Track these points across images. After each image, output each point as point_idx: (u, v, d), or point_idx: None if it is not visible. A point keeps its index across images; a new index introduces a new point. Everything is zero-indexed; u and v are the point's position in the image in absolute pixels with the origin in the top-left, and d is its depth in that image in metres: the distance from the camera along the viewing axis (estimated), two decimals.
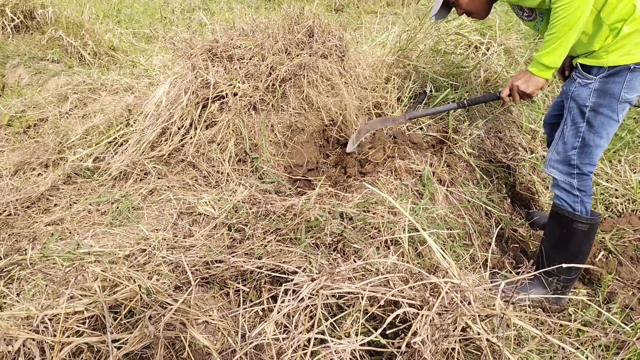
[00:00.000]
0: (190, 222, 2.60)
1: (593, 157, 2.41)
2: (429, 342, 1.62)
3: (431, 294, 1.80)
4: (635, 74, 2.21)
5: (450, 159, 3.19)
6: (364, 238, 2.33)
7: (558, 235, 2.56)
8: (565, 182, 2.48)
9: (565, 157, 2.45)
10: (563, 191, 2.50)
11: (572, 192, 2.47)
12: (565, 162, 2.46)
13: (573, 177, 2.45)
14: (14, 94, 4.78)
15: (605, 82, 2.27)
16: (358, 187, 2.85)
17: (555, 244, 2.57)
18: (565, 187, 2.48)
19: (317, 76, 3.32)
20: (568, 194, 2.48)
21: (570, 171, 2.45)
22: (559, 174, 2.49)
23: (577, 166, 2.42)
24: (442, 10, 2.66)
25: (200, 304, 1.97)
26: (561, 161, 2.47)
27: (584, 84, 2.33)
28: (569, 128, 2.43)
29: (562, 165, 2.48)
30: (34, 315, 1.77)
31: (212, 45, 3.37)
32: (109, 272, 1.96)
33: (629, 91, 2.25)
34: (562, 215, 2.51)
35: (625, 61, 2.19)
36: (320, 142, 3.43)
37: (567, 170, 2.46)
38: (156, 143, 3.25)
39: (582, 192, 2.45)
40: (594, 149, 2.39)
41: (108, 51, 5.92)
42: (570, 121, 2.41)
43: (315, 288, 1.80)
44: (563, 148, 2.46)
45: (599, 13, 2.18)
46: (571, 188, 2.46)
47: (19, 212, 2.91)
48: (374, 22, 6.28)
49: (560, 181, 2.49)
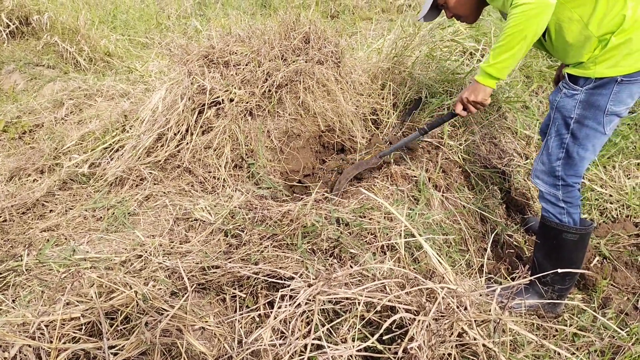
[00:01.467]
0: (187, 228, 2.60)
1: (578, 168, 2.36)
2: (426, 348, 1.62)
3: (427, 299, 1.80)
4: (623, 86, 2.14)
5: (445, 164, 3.21)
6: (360, 243, 2.33)
7: (548, 246, 2.54)
8: (549, 194, 2.45)
9: (550, 168, 2.42)
10: (549, 203, 2.47)
11: (557, 204, 2.44)
12: (549, 174, 2.43)
13: (558, 189, 2.41)
14: (10, 100, 4.78)
15: (592, 93, 2.20)
16: (354, 193, 2.85)
17: (546, 254, 2.56)
18: (550, 198, 2.45)
19: (313, 82, 3.33)
20: (554, 205, 2.45)
21: (555, 182, 2.41)
22: (544, 185, 2.46)
23: (562, 177, 2.38)
24: (431, 13, 2.63)
25: (196, 310, 1.97)
26: (546, 172, 2.44)
27: (569, 95, 2.27)
28: (553, 139, 2.38)
29: (546, 177, 2.44)
30: (30, 322, 1.76)
31: (208, 51, 3.38)
32: (105, 278, 1.96)
33: (616, 104, 2.18)
34: (550, 226, 2.49)
35: (613, 73, 2.12)
36: (317, 148, 3.44)
37: (551, 182, 2.43)
38: (152, 149, 3.25)
39: (567, 203, 2.42)
40: (579, 161, 2.34)
41: (104, 57, 5.92)
42: (555, 132, 2.37)
43: (312, 293, 1.81)
44: (548, 159, 2.42)
45: (586, 25, 2.11)
46: (556, 200, 2.43)
47: (14, 218, 2.90)
48: (369, 28, 6.31)
49: (545, 193, 2.46)
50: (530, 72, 4.37)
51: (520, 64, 4.20)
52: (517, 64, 2.18)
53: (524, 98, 3.97)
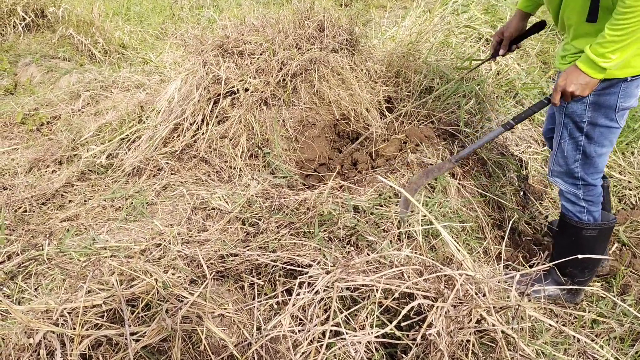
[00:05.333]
0: (204, 217, 2.62)
1: (598, 165, 2.30)
2: (444, 334, 1.62)
3: (446, 286, 1.80)
4: (631, 82, 2.08)
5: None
6: (377, 231, 2.33)
7: (567, 241, 2.51)
8: (569, 193, 2.39)
9: (568, 170, 2.35)
10: (569, 202, 2.41)
11: (577, 203, 2.38)
12: (568, 174, 2.36)
13: (578, 188, 2.36)
14: (27, 92, 4.83)
15: (600, 94, 2.12)
16: (370, 181, 2.85)
17: (565, 249, 2.50)
18: (571, 197, 2.39)
19: (327, 71, 3.32)
20: (574, 204, 2.40)
21: (575, 182, 2.36)
22: (564, 185, 2.40)
23: (582, 178, 2.32)
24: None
25: (215, 298, 1.99)
26: (564, 173, 2.38)
27: (577, 100, 2.16)
28: (567, 142, 2.30)
29: (565, 177, 2.38)
30: (54, 309, 1.80)
31: (222, 41, 3.38)
32: (125, 266, 1.99)
33: (626, 99, 2.12)
34: (569, 224, 2.44)
35: (623, 74, 2.04)
36: (332, 137, 3.43)
37: (571, 182, 2.37)
38: (168, 139, 3.27)
39: (588, 202, 2.36)
40: (597, 158, 2.27)
41: (118, 49, 5.95)
42: (568, 136, 2.28)
43: (330, 281, 1.82)
44: (564, 162, 2.35)
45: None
46: (577, 199, 2.38)
47: (34, 209, 2.94)
48: (383, 16, 6.26)
49: (565, 192, 2.41)
50: (547, 58, 4.32)
51: (538, 49, 4.15)
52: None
53: (541, 84, 3.92)
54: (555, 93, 2.15)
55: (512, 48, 2.71)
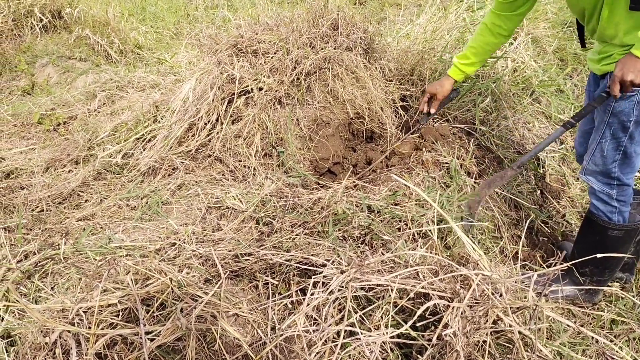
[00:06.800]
0: (219, 216, 2.62)
1: (635, 165, 2.27)
2: (460, 335, 1.61)
3: (462, 286, 1.78)
4: None
5: (478, 150, 3.16)
6: (391, 231, 2.32)
7: (591, 240, 2.46)
8: (602, 193, 2.34)
9: (605, 170, 2.29)
10: (600, 201, 2.36)
11: (609, 203, 2.34)
12: (604, 174, 2.31)
13: (612, 188, 2.31)
14: (44, 93, 4.88)
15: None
16: (385, 180, 2.83)
17: (588, 248, 2.44)
18: (603, 197, 2.34)
19: (342, 69, 3.30)
20: (605, 204, 2.35)
21: (609, 182, 2.31)
22: (597, 184, 2.34)
23: (618, 178, 2.28)
24: None
25: (230, 297, 1.99)
26: (600, 172, 2.32)
27: (626, 97, 2.11)
28: (608, 142, 2.24)
29: (600, 176, 2.33)
30: (69, 308, 1.81)
31: (237, 41, 3.38)
32: (140, 265, 1.99)
33: None
34: (596, 222, 2.40)
35: None
36: (346, 136, 3.42)
37: (606, 181, 2.32)
38: (183, 138, 3.28)
39: (620, 202, 2.32)
40: (636, 158, 2.24)
41: (134, 49, 5.99)
42: (610, 135, 2.22)
43: (345, 280, 1.81)
44: (602, 161, 2.29)
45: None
46: (609, 199, 2.33)
47: (51, 208, 2.97)
48: (397, 14, 6.23)
49: (598, 191, 2.35)
50: (565, 55, 4.26)
51: (555, 46, 4.10)
52: None
53: (558, 81, 3.87)
54: (614, 84, 2.05)
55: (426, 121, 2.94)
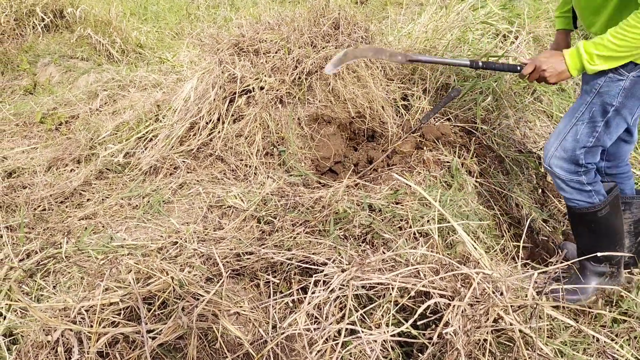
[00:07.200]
0: (220, 215, 2.63)
1: (597, 156, 2.22)
2: (461, 333, 1.61)
3: (462, 284, 1.78)
4: None
5: (479, 149, 3.16)
6: (392, 230, 2.32)
7: (587, 231, 2.38)
8: (572, 181, 2.25)
9: (573, 156, 2.20)
10: (574, 191, 2.27)
11: (583, 189, 2.25)
12: (571, 161, 2.21)
13: (580, 175, 2.23)
14: (46, 92, 4.89)
15: (636, 82, 1.99)
16: (386, 179, 2.84)
17: (590, 240, 2.38)
18: (575, 185, 2.26)
19: (343, 68, 3.31)
20: (580, 192, 2.26)
21: (577, 170, 2.22)
22: (564, 173, 2.25)
23: (584, 165, 2.20)
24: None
25: (231, 296, 2.00)
26: (567, 159, 2.22)
27: (614, 80, 2.01)
28: (585, 125, 2.15)
29: (566, 164, 2.23)
30: (71, 307, 1.82)
31: (238, 40, 3.39)
32: (142, 264, 2.00)
33: None
34: (582, 213, 2.31)
35: None
36: (347, 135, 3.42)
37: (573, 169, 2.23)
38: (185, 138, 3.29)
39: (592, 184, 2.25)
40: (600, 150, 2.20)
41: (135, 48, 5.99)
42: (588, 118, 2.13)
43: (346, 279, 1.81)
44: (572, 146, 2.19)
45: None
46: (581, 185, 2.25)
47: (53, 207, 2.98)
48: (399, 13, 6.22)
49: (567, 180, 2.26)
50: None
51: None
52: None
53: None
54: (529, 64, 2.12)
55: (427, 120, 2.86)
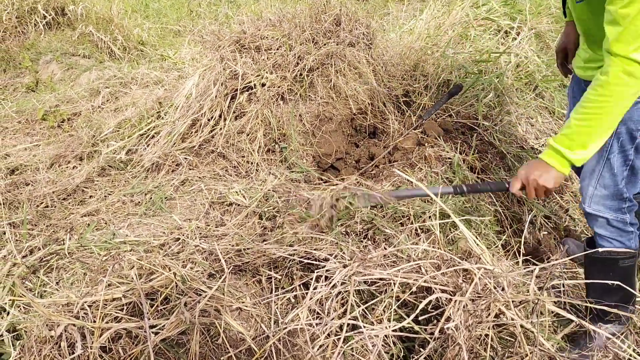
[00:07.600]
0: (222, 212, 2.63)
1: (638, 182, 2.03)
2: (463, 328, 1.61)
3: (464, 280, 1.79)
4: None
5: (480, 146, 3.16)
6: (394, 225, 2.32)
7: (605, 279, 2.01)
8: (617, 220, 2.03)
9: (616, 191, 2.00)
10: (616, 231, 2.05)
11: (625, 229, 2.05)
12: (615, 197, 2.01)
13: (625, 212, 2.03)
14: (48, 89, 4.90)
15: None
16: (388, 175, 2.84)
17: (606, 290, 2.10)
18: (618, 225, 2.04)
19: (344, 65, 3.31)
20: (621, 232, 2.05)
21: (621, 206, 2.02)
22: (609, 212, 2.03)
23: (629, 198, 2.01)
24: None
25: (233, 291, 2.00)
26: (610, 196, 2.01)
27: (635, 104, 1.78)
28: (616, 156, 1.95)
29: (611, 201, 2.02)
30: (74, 302, 1.82)
31: (239, 37, 3.39)
32: (144, 260, 2.01)
33: None
34: (607, 258, 2.08)
35: None
36: (349, 131, 3.42)
37: (617, 206, 2.02)
38: (187, 134, 3.30)
39: (633, 225, 2.06)
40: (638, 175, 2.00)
41: (137, 45, 5.99)
42: (618, 148, 1.94)
43: (347, 274, 1.81)
44: (613, 181, 1.98)
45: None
46: (624, 225, 2.04)
47: (55, 204, 2.98)
48: (401, 9, 6.21)
49: (612, 220, 2.03)
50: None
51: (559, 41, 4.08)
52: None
53: (561, 77, 3.86)
54: (515, 180, 1.94)
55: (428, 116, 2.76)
